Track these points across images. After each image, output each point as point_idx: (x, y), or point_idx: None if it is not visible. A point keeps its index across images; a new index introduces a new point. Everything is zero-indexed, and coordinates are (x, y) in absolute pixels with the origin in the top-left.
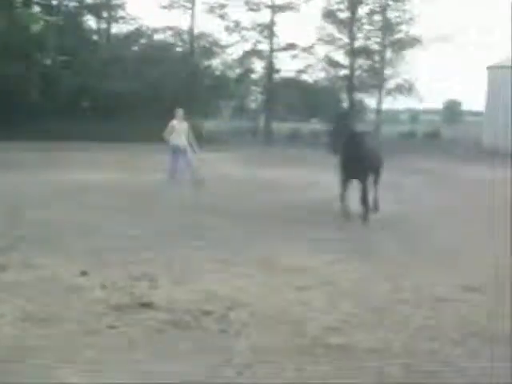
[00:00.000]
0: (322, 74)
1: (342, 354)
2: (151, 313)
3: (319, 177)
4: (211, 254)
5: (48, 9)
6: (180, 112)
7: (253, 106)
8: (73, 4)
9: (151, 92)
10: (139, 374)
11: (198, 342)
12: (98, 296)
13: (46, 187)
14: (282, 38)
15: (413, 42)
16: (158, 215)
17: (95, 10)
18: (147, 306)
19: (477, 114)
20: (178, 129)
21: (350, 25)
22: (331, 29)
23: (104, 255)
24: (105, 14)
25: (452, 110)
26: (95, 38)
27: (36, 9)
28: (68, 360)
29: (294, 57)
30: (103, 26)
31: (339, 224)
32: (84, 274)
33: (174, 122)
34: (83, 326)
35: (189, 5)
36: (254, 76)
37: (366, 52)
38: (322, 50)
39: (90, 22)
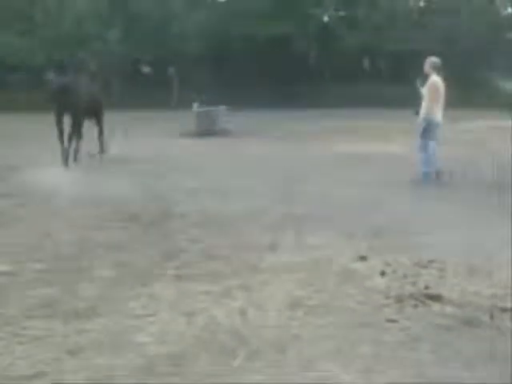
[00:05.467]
0: None
1: None
2: (438, 306)
3: None
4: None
5: None
6: None
7: None
8: None
9: (442, 48)
10: (418, 377)
11: (491, 345)
12: (377, 284)
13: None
14: None
15: None
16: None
17: None
18: (434, 298)
19: None
20: None
21: None
22: None
23: (385, 237)
24: None
25: None
26: None
27: None
28: (338, 355)
29: None
30: None
31: None
32: (362, 258)
33: None
34: (358, 318)
35: None
36: None
37: None
38: None
39: None
